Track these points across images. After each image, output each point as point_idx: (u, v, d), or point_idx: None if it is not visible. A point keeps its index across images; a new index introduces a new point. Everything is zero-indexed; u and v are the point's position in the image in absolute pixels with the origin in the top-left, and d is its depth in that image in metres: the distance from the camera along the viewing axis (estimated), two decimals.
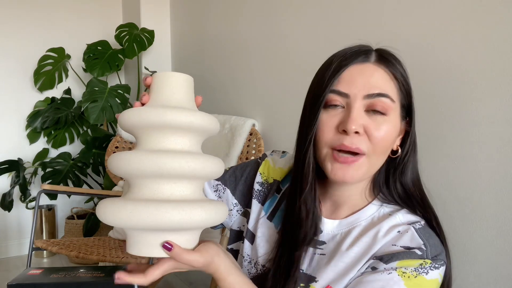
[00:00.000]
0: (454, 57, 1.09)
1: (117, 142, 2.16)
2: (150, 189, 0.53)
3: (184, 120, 0.53)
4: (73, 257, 1.54)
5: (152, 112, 0.53)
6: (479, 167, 1.04)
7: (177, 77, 0.56)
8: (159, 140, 0.54)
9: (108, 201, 0.53)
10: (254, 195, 0.78)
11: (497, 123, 1.00)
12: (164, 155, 0.51)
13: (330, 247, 0.68)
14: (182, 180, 0.53)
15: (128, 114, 0.54)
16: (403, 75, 0.66)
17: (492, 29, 1.00)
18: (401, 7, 1.23)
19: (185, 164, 0.51)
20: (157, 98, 0.56)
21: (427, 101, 1.15)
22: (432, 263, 0.61)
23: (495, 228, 1.01)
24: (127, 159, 0.52)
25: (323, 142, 0.64)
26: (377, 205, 0.69)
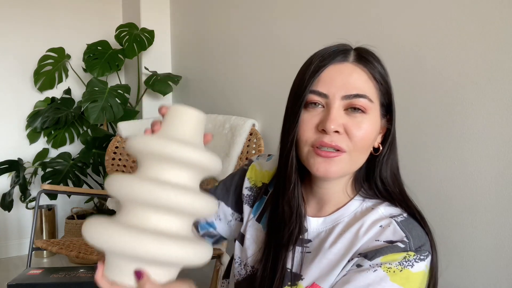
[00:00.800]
0: (453, 58, 1.09)
1: (117, 142, 2.16)
2: (137, 216, 0.53)
3: (184, 155, 0.54)
4: (73, 257, 1.54)
5: (155, 142, 0.54)
6: (477, 169, 1.04)
7: (189, 113, 0.58)
8: (156, 170, 0.55)
9: (94, 220, 0.53)
10: (245, 200, 0.80)
11: (497, 124, 1.00)
12: (155, 185, 0.52)
13: (315, 245, 0.69)
14: (169, 213, 0.53)
15: (135, 140, 0.56)
16: (382, 74, 0.67)
17: (491, 29, 1.00)
18: (397, 8, 1.23)
19: (174, 197, 0.51)
20: (166, 129, 0.57)
21: (426, 102, 1.15)
22: (416, 255, 0.61)
23: (494, 231, 1.01)
24: (120, 182, 0.53)
25: (303, 141, 0.65)
26: (360, 200, 0.70)
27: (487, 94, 1.01)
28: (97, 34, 2.83)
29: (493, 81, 1.00)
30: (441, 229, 1.12)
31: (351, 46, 0.68)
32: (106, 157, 2.13)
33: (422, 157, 1.17)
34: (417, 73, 1.18)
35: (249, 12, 1.98)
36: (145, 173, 0.55)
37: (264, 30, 1.87)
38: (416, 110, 1.18)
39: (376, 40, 1.31)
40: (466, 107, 1.06)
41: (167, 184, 0.53)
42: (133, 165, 2.15)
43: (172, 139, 0.55)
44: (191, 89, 2.54)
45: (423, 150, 1.16)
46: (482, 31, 1.02)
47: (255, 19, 1.94)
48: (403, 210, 0.67)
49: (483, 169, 1.03)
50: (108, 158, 2.12)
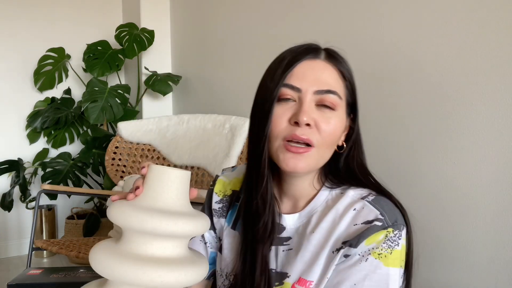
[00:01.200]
0: (453, 58, 1.09)
1: (117, 142, 2.16)
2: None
3: (165, 229, 0.54)
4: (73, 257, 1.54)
5: (135, 217, 0.55)
6: (477, 169, 1.04)
7: (169, 174, 0.57)
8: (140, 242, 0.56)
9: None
10: (216, 215, 0.81)
11: (497, 124, 1.00)
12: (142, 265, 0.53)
13: (295, 240, 0.70)
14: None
15: (114, 213, 0.57)
16: (350, 74, 0.70)
17: (491, 29, 1.00)
18: (397, 8, 1.23)
19: (158, 278, 0.53)
20: (148, 193, 0.58)
21: (426, 103, 1.15)
22: (394, 231, 0.64)
23: (494, 231, 1.01)
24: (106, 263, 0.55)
25: (276, 135, 0.66)
26: (327, 190, 0.71)
27: (487, 94, 1.01)
28: (97, 34, 2.83)
29: (493, 81, 1.00)
30: (441, 229, 1.12)
31: (320, 46, 0.71)
32: (106, 157, 2.13)
33: (421, 157, 1.17)
34: (417, 73, 1.18)
35: (249, 12, 1.98)
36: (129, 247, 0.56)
37: (264, 30, 1.87)
38: (416, 111, 1.18)
39: (375, 40, 1.31)
40: (466, 107, 1.06)
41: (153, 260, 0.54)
42: (133, 165, 2.15)
43: (152, 209, 0.55)
44: (191, 89, 2.54)
45: (423, 150, 1.16)
46: (482, 31, 1.02)
47: (255, 19, 1.94)
48: (370, 190, 0.69)
49: (483, 169, 1.03)
50: (108, 158, 2.12)
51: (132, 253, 0.55)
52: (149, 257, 0.55)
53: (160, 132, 2.14)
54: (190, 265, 0.57)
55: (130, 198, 0.58)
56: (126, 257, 0.55)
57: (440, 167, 1.12)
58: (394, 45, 1.25)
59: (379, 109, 1.29)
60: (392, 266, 0.63)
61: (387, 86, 1.26)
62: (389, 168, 1.24)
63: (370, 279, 0.62)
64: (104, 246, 0.58)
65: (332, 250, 0.66)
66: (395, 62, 1.25)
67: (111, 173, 2.10)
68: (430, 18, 1.14)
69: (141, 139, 2.15)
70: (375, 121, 1.30)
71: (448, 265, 1.11)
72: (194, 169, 1.99)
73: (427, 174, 1.15)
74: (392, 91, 1.25)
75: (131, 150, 2.16)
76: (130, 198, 0.58)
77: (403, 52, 1.22)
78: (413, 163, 1.19)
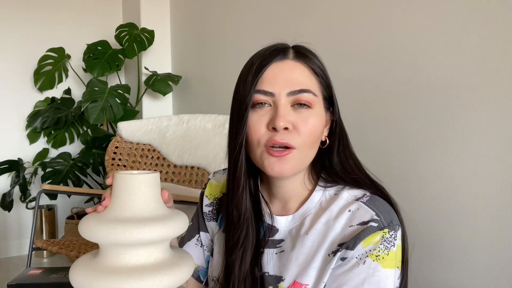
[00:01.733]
0: (453, 58, 1.09)
1: (117, 142, 2.16)
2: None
3: (131, 239, 0.53)
4: (73, 257, 1.54)
5: (99, 231, 0.54)
6: (477, 169, 1.04)
7: (133, 180, 0.56)
8: (114, 254, 0.55)
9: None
10: (207, 218, 0.81)
11: (497, 124, 1.00)
12: (115, 277, 0.52)
13: (288, 243, 0.69)
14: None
15: (82, 228, 0.56)
16: (321, 68, 0.68)
17: (491, 30, 1.00)
18: (397, 9, 1.23)
19: (136, 285, 0.52)
20: (115, 203, 0.56)
21: (426, 103, 1.15)
22: (390, 231, 0.63)
23: (494, 230, 1.01)
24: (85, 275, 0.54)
25: (255, 142, 0.65)
26: (321, 190, 0.70)
27: (487, 94, 1.01)
28: (97, 34, 2.83)
29: (493, 81, 1.00)
30: (441, 229, 1.12)
31: (288, 45, 0.69)
32: (106, 157, 2.13)
33: (421, 157, 1.17)
34: (417, 74, 1.18)
35: (249, 12, 1.98)
36: (104, 260, 0.55)
37: (263, 30, 1.88)
38: (416, 111, 1.18)
39: (375, 41, 1.31)
40: (466, 107, 1.06)
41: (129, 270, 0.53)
42: (133, 165, 2.15)
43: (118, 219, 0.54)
44: (191, 89, 2.54)
45: (423, 150, 1.16)
46: (482, 31, 1.02)
47: (255, 19, 1.94)
48: (365, 189, 0.68)
49: (483, 169, 1.03)
50: (108, 158, 2.12)
51: (107, 266, 0.54)
52: (123, 268, 0.54)
53: (160, 132, 2.14)
54: (168, 270, 0.55)
55: (99, 211, 0.57)
56: (99, 271, 0.53)
57: (440, 167, 1.12)
58: (393, 45, 1.25)
59: (378, 109, 1.29)
60: (389, 268, 0.62)
61: (387, 86, 1.26)
62: (388, 168, 1.24)
63: (369, 283, 0.61)
64: (82, 261, 0.57)
65: (328, 253, 0.65)
66: (394, 63, 1.25)
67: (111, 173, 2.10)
68: (430, 18, 1.14)
69: (141, 139, 2.15)
70: (374, 121, 1.30)
71: (448, 265, 1.11)
72: (194, 169, 1.99)
73: (426, 174, 1.15)
74: (391, 91, 1.25)
75: (131, 150, 2.16)
76: (100, 211, 0.57)
77: (402, 52, 1.22)
78: (412, 163, 1.19)
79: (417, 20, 1.18)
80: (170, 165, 2.06)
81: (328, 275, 0.63)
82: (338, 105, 0.71)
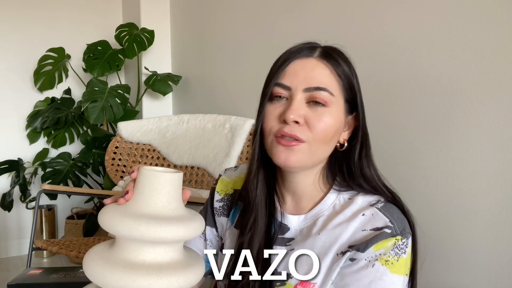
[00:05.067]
0: (452, 58, 1.09)
1: (117, 142, 2.16)
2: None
3: (154, 236, 0.53)
4: (73, 257, 1.54)
5: (122, 225, 0.54)
6: (477, 169, 1.04)
7: (159, 178, 0.56)
8: (131, 249, 0.55)
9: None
10: (217, 213, 0.82)
11: (496, 124, 1.00)
12: (132, 273, 0.52)
13: (299, 241, 0.70)
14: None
15: (103, 219, 0.56)
16: (345, 71, 0.69)
17: (491, 29, 1.00)
18: (397, 9, 1.23)
19: (148, 286, 0.52)
20: (138, 198, 0.57)
21: (425, 103, 1.15)
22: (402, 239, 0.64)
23: (494, 231, 1.01)
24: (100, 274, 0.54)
25: (267, 131, 0.68)
26: (335, 193, 0.71)
27: (487, 94, 1.01)
28: (97, 34, 2.83)
29: (493, 81, 1.00)
30: (441, 229, 1.12)
31: (319, 44, 0.71)
32: (106, 157, 2.13)
33: (422, 157, 1.17)
34: (417, 74, 1.18)
35: (249, 12, 1.98)
36: (121, 254, 0.55)
37: (264, 30, 1.88)
38: (416, 111, 1.18)
39: (375, 41, 1.31)
40: (466, 107, 1.06)
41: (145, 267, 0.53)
42: (133, 165, 2.15)
43: (141, 215, 0.55)
44: (191, 89, 2.54)
45: (423, 150, 1.16)
46: (482, 31, 1.02)
47: (255, 19, 1.94)
48: (379, 196, 0.69)
49: (483, 169, 1.03)
50: (108, 158, 2.12)
51: (123, 260, 0.54)
52: (139, 264, 0.54)
53: (160, 132, 2.14)
54: (183, 270, 0.55)
55: (120, 203, 0.57)
56: (116, 264, 0.54)
57: (440, 167, 1.12)
58: (394, 45, 1.25)
59: (378, 109, 1.29)
60: (397, 274, 0.63)
61: (387, 86, 1.26)
62: (388, 169, 1.24)
63: (375, 285, 0.62)
64: (98, 251, 0.57)
65: (337, 253, 0.65)
66: (394, 62, 1.25)
67: (111, 173, 2.10)
68: (430, 18, 1.14)
69: (141, 139, 2.15)
70: (374, 121, 1.29)
71: (448, 265, 1.11)
72: (194, 169, 1.99)
73: (426, 175, 1.15)
74: (391, 91, 1.25)
75: (131, 150, 2.16)
76: (121, 203, 0.57)
77: (402, 52, 1.22)
78: (412, 164, 1.19)
79: (418, 19, 1.18)
80: (170, 165, 2.06)
81: (336, 274, 0.64)
82: (364, 112, 0.71)
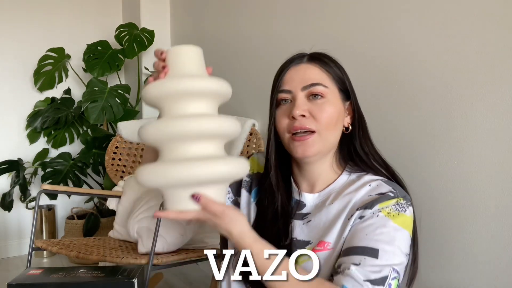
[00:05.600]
0: (452, 58, 1.09)
1: (117, 142, 2.16)
2: (178, 151, 0.61)
3: (198, 86, 0.61)
4: (73, 257, 1.54)
5: (169, 83, 0.61)
6: (477, 169, 1.04)
7: (186, 50, 0.65)
8: (179, 107, 0.62)
9: (144, 166, 0.61)
10: (243, 185, 0.92)
11: (496, 124, 1.00)
12: (185, 119, 0.60)
13: (314, 214, 0.81)
14: (204, 140, 0.62)
15: (149, 89, 0.63)
16: (332, 67, 0.82)
17: (491, 29, 1.00)
18: (397, 9, 1.23)
19: (205, 124, 0.60)
20: (172, 72, 0.64)
21: (425, 103, 1.15)
22: (404, 200, 0.76)
23: (493, 230, 1.01)
24: (156, 126, 0.61)
25: (282, 130, 0.81)
26: (346, 175, 0.84)
27: (487, 94, 1.01)
28: (97, 34, 2.83)
29: (493, 81, 1.00)
30: (441, 229, 1.12)
31: (305, 53, 0.84)
32: (106, 157, 2.13)
33: (421, 157, 1.17)
34: (417, 74, 1.18)
35: (249, 12, 1.98)
36: (171, 112, 0.62)
37: (264, 30, 1.88)
38: (416, 110, 1.18)
39: (375, 41, 1.31)
40: (466, 107, 1.06)
41: (194, 115, 0.61)
42: (133, 165, 2.15)
43: (184, 76, 0.62)
44: None
45: (423, 150, 1.16)
46: (482, 30, 1.02)
47: (255, 19, 1.94)
48: (384, 177, 0.81)
49: (483, 169, 1.03)
50: (108, 158, 2.12)
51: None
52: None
53: None
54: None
55: (162, 77, 0.65)
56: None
57: (440, 167, 1.12)
58: (393, 45, 1.25)
59: (378, 109, 1.28)
60: (399, 225, 0.73)
61: (386, 86, 1.26)
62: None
63: (380, 232, 0.72)
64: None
65: (347, 217, 0.76)
66: (394, 62, 1.25)
67: (111, 173, 2.10)
68: (430, 18, 1.14)
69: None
70: (374, 121, 1.29)
71: (448, 265, 1.11)
72: None
73: (426, 175, 1.15)
74: (391, 91, 1.25)
75: (131, 150, 2.16)
76: (162, 77, 0.65)
77: (402, 52, 1.22)
78: (412, 164, 1.19)
79: (417, 19, 1.18)
80: None
81: (347, 232, 0.75)
82: (356, 97, 0.84)
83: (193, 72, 0.64)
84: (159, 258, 1.43)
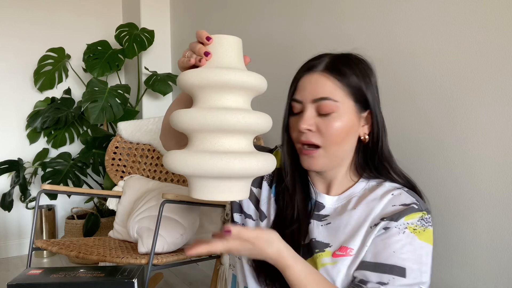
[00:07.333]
0: (453, 58, 1.09)
1: (117, 142, 2.16)
2: (211, 142, 0.61)
3: (239, 80, 0.60)
4: (73, 257, 1.54)
5: (211, 72, 0.60)
6: (477, 169, 1.04)
7: (229, 40, 0.64)
8: (216, 98, 0.62)
9: (176, 152, 0.61)
10: (265, 177, 0.91)
11: (497, 124, 1.00)
12: (224, 112, 0.59)
13: (334, 217, 0.80)
14: (238, 134, 0.62)
15: (188, 75, 0.62)
16: (349, 76, 0.77)
17: (491, 29, 1.00)
18: (397, 9, 1.23)
19: (242, 119, 0.59)
20: (213, 60, 0.64)
21: (425, 103, 1.15)
22: (427, 214, 0.75)
23: (494, 230, 1.01)
24: (191, 115, 0.60)
25: (294, 139, 0.81)
26: (365, 181, 0.82)
27: (487, 94, 1.01)
28: (97, 34, 2.83)
29: (493, 81, 1.00)
30: (441, 229, 1.12)
31: (322, 56, 0.80)
32: (106, 157, 2.13)
33: (422, 157, 1.17)
34: (417, 74, 1.18)
35: (249, 12, 1.98)
36: (207, 103, 0.62)
37: (264, 30, 1.88)
38: (416, 110, 1.18)
39: (375, 41, 1.31)
40: (466, 107, 1.06)
41: (231, 109, 0.61)
42: (133, 165, 2.15)
43: (222, 67, 0.62)
44: None
45: (423, 150, 1.16)
46: (482, 30, 1.02)
47: (254, 19, 1.94)
48: (403, 186, 0.80)
49: (483, 169, 1.03)
50: (108, 158, 2.12)
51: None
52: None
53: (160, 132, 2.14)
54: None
55: (203, 64, 0.63)
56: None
57: (440, 168, 1.12)
58: (394, 45, 1.25)
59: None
60: (425, 242, 0.73)
61: (387, 86, 1.26)
62: None
63: (407, 249, 0.72)
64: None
65: (371, 225, 0.75)
66: (394, 62, 1.25)
67: (111, 173, 2.10)
68: (430, 18, 1.14)
69: (141, 139, 2.15)
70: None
71: (448, 265, 1.11)
72: None
73: (426, 174, 1.15)
74: (391, 91, 1.25)
75: (131, 150, 2.16)
76: (203, 64, 0.63)
77: (402, 52, 1.22)
78: (412, 164, 1.19)
79: (418, 19, 1.18)
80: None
81: (370, 241, 0.74)
82: (377, 105, 0.81)
83: (234, 63, 0.63)
84: (159, 258, 1.43)
